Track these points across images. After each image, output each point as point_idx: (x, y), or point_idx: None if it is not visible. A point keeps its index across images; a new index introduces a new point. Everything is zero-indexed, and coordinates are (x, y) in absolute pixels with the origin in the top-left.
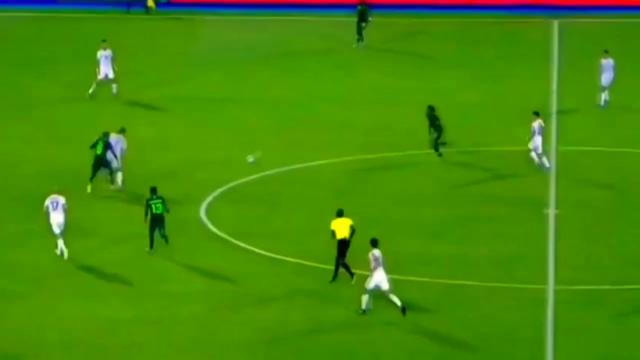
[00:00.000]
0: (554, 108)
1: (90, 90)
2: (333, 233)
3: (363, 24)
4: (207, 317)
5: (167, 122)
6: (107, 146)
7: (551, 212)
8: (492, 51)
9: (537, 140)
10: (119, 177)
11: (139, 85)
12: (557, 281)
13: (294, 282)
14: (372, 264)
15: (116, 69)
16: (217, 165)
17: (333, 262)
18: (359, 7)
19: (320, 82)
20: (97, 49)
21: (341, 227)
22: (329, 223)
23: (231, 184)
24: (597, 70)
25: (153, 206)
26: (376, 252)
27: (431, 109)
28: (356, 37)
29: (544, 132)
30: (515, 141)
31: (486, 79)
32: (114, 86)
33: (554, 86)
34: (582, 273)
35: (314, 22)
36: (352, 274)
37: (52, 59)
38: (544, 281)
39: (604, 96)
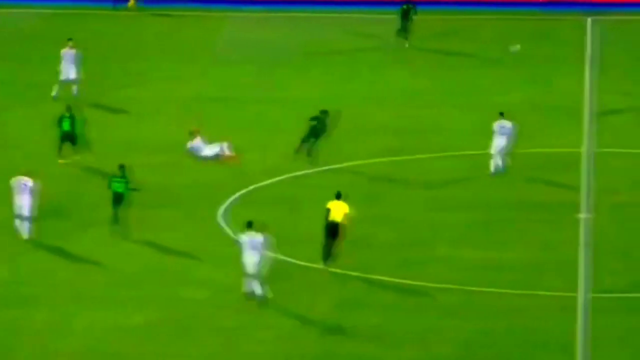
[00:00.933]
0: (589, 108)
1: (54, 93)
2: (328, 212)
3: (406, 23)
4: (227, 324)
5: (186, 122)
6: (74, 121)
7: (584, 216)
8: (525, 50)
9: (498, 141)
10: None
11: (151, 81)
12: (590, 288)
13: (316, 288)
14: (242, 247)
15: (81, 69)
16: (238, 168)
17: (359, 268)
18: (403, 6)
19: (350, 82)
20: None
21: (336, 210)
22: (354, 228)
23: (251, 187)
24: None
25: (115, 184)
26: (244, 236)
27: (323, 113)
28: (399, 35)
29: (507, 133)
30: (548, 143)
31: (520, 79)
32: (75, 87)
33: (590, 85)
34: (616, 280)
35: (347, 19)
36: (327, 259)
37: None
38: (576, 288)
39: None
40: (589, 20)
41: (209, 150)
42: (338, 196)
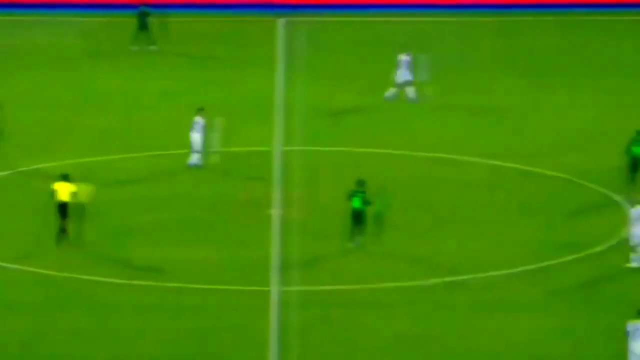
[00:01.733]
0: (280, 108)
1: None
2: (54, 193)
3: (142, 27)
4: None
5: None
6: None
7: (276, 212)
8: (223, 51)
9: (193, 137)
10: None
11: None
12: (285, 282)
13: (18, 288)
14: None
15: None
16: None
17: (58, 268)
18: (140, 9)
19: (66, 85)
20: None
21: (62, 190)
22: (54, 228)
23: None
24: (395, 66)
25: None
26: None
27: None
28: (137, 37)
29: (202, 129)
30: (244, 142)
31: (218, 79)
32: None
33: (281, 86)
34: (307, 274)
35: (76, 22)
36: (61, 233)
37: None
38: (270, 283)
39: (410, 92)
40: (282, 21)
41: None
42: (64, 177)
